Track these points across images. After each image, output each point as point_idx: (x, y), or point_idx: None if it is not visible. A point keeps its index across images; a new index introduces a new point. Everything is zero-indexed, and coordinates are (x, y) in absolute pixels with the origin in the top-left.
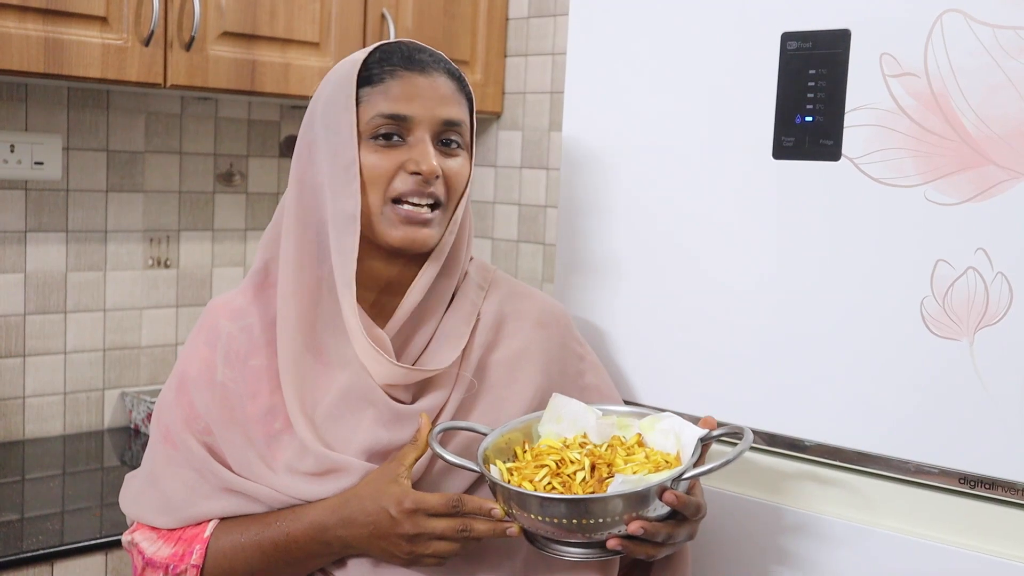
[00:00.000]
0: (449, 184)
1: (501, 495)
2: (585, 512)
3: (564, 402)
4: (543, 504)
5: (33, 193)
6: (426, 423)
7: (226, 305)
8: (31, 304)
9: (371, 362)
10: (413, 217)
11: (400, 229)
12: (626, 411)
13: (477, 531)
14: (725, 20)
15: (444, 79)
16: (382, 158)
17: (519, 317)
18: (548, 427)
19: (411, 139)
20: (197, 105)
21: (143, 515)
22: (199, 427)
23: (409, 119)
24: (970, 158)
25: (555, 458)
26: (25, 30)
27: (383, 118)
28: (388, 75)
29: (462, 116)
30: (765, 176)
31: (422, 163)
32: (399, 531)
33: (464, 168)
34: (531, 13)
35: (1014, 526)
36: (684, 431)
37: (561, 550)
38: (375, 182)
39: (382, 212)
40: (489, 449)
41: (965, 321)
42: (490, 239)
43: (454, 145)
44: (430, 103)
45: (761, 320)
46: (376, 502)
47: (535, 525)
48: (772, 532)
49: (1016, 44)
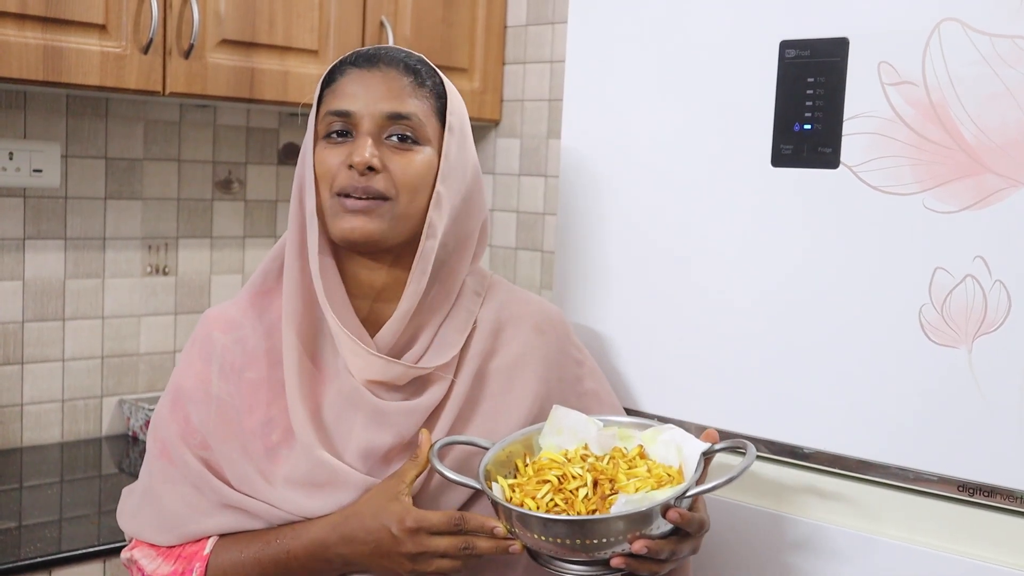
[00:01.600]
0: (396, 180)
1: (503, 514)
2: (588, 532)
3: (565, 414)
4: (546, 524)
5: (32, 200)
6: (426, 440)
7: (220, 316)
8: (29, 311)
9: (350, 355)
10: (349, 206)
11: (342, 220)
12: (628, 422)
13: (479, 548)
14: (724, 28)
15: (396, 73)
16: (329, 155)
17: (517, 323)
18: (549, 439)
19: (356, 133)
20: (196, 113)
21: (142, 532)
22: (196, 441)
23: (351, 114)
24: (968, 166)
25: (557, 473)
26: (24, 38)
27: (332, 115)
28: (340, 74)
29: (411, 109)
30: (764, 184)
31: (354, 155)
32: (401, 550)
33: (416, 164)
34: (529, 21)
35: (1013, 534)
36: (686, 444)
37: (564, 567)
38: (323, 178)
39: (330, 207)
40: (490, 463)
41: (963, 329)
42: (489, 246)
43: (408, 140)
44: (373, 98)
45: (760, 327)
46: (377, 520)
47: (538, 544)
48: (770, 539)
49: (1014, 53)
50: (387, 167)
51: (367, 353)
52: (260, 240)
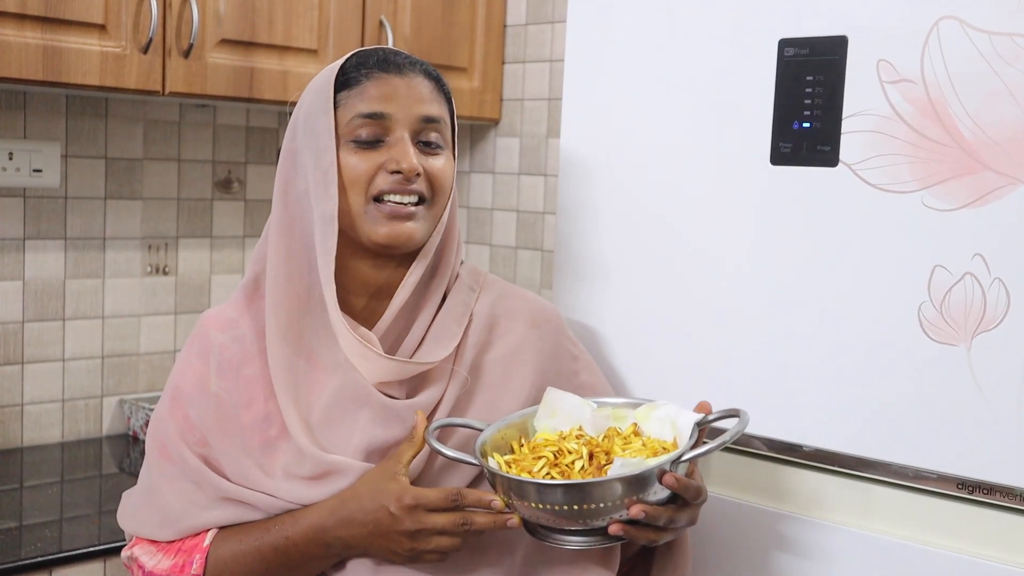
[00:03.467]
0: (433, 183)
1: (500, 485)
2: (585, 497)
3: (559, 396)
4: (542, 491)
5: (32, 200)
6: (421, 419)
7: (217, 317)
8: (29, 311)
9: (359, 359)
10: (397, 212)
11: (385, 225)
12: (621, 402)
13: (478, 524)
14: (723, 27)
15: (421, 79)
16: (361, 160)
17: (512, 317)
18: (544, 422)
19: (390, 139)
20: (195, 112)
21: (141, 529)
22: (194, 439)
23: (387, 117)
24: (967, 164)
25: (553, 449)
26: (24, 38)
27: (362, 118)
28: (364, 77)
29: (441, 114)
30: (763, 182)
31: (402, 161)
32: (400, 528)
33: (447, 167)
34: (529, 20)
35: (1012, 531)
36: (680, 417)
37: (562, 539)
38: (355, 183)
39: (365, 212)
40: (486, 444)
41: (962, 326)
42: (488, 245)
43: (434, 145)
44: (407, 101)
45: (758, 325)
46: (375, 500)
47: (535, 514)
48: (769, 537)
49: (1012, 51)
50: (424, 170)
51: (378, 357)
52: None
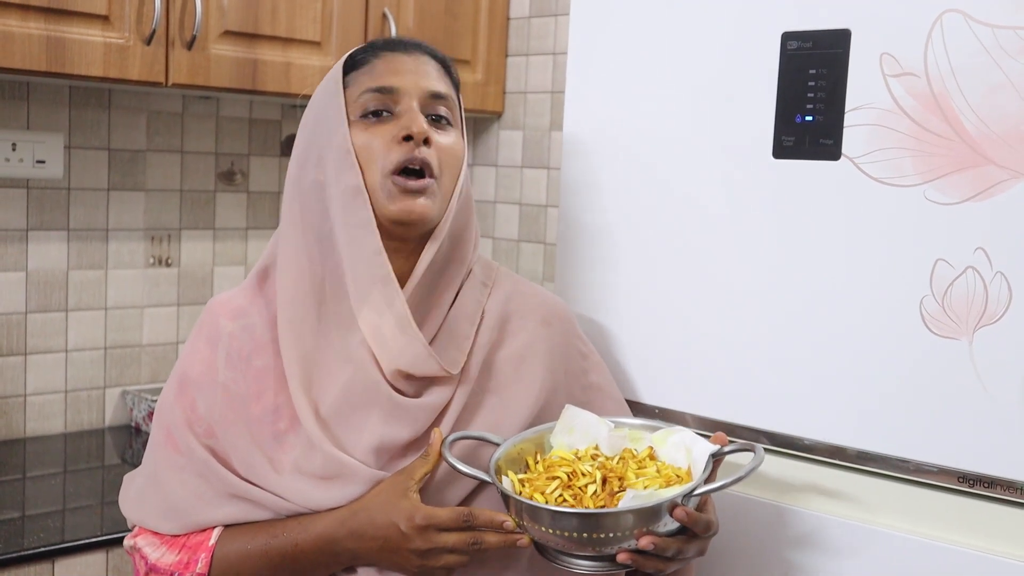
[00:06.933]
0: (442, 157)
1: (513, 507)
2: (596, 526)
3: (576, 413)
4: (555, 517)
5: (35, 192)
6: (438, 437)
7: (227, 304)
8: (32, 302)
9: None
10: (408, 187)
11: (397, 201)
12: (638, 424)
13: (488, 543)
14: (725, 20)
15: (427, 58)
16: (373, 135)
17: (523, 315)
18: (560, 438)
19: (399, 109)
20: (198, 104)
21: (146, 520)
22: (201, 429)
23: (396, 90)
24: (970, 158)
25: (567, 470)
26: (27, 29)
27: (370, 92)
28: (372, 56)
29: (449, 92)
30: (765, 175)
31: (412, 126)
32: (410, 546)
33: (457, 144)
34: (532, 13)
35: (1013, 525)
36: (695, 446)
37: (570, 562)
38: (370, 159)
39: (381, 186)
40: (501, 459)
41: (964, 320)
42: (491, 238)
43: (444, 120)
44: (414, 76)
45: (761, 319)
46: (386, 516)
47: (546, 537)
48: (770, 531)
49: (1016, 44)
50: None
51: (417, 334)
52: (263, 232)
